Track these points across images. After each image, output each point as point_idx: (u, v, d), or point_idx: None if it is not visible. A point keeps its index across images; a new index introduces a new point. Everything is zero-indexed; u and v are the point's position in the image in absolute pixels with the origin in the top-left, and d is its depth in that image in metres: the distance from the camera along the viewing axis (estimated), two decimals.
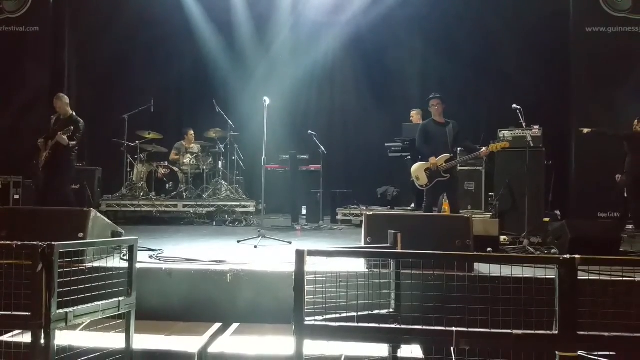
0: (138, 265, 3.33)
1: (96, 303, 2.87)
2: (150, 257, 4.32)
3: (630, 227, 7.51)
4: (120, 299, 3.05)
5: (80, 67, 10.21)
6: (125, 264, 3.24)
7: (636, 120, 7.68)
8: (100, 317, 2.93)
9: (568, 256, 2.47)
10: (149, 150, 8.87)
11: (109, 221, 4.49)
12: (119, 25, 9.85)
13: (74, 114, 6.90)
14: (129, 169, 8.87)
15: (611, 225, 5.80)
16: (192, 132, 9.31)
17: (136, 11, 9.78)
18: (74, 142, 6.61)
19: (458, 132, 6.09)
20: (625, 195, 7.69)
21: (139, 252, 3.48)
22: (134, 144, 8.71)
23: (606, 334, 2.42)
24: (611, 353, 2.50)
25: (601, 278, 3.56)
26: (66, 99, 6.90)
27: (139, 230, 6.81)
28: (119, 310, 3.02)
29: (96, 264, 3.42)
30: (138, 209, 8.29)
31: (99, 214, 4.26)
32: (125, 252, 3.53)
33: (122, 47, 9.99)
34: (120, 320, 3.13)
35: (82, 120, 6.81)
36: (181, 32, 10.14)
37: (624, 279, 3.55)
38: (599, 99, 9.03)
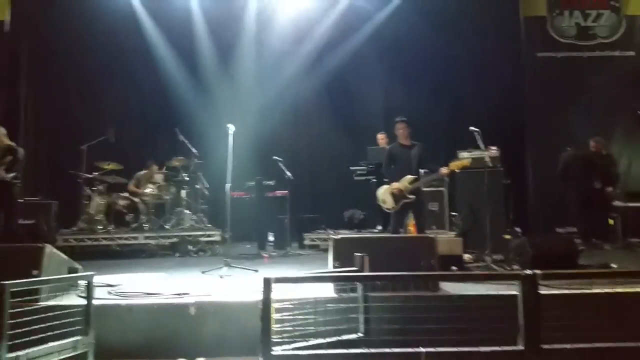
0: (96, 302, 3.21)
1: (51, 344, 2.73)
2: (109, 292, 4.17)
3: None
4: (78, 338, 2.92)
5: (36, 98, 9.94)
6: (82, 301, 3.12)
7: (593, 142, 8.03)
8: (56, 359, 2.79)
9: (529, 272, 2.52)
10: (108, 181, 8.64)
11: (65, 257, 4.33)
12: (77, 55, 9.67)
13: (13, 144, 6.66)
14: (86, 202, 8.60)
15: (569, 240, 5.94)
16: (155, 166, 9.12)
17: (95, 41, 9.64)
18: (13, 174, 6.37)
19: (422, 154, 6.19)
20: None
21: (97, 288, 3.36)
22: (92, 176, 8.48)
23: (569, 345, 2.47)
24: None
25: (562, 292, 3.65)
26: (2, 130, 6.66)
27: (98, 265, 6.57)
28: (76, 351, 2.89)
29: (52, 302, 3.28)
30: (96, 242, 7.99)
31: (54, 250, 4.10)
32: (82, 288, 3.39)
33: (80, 77, 9.80)
34: None
35: (21, 150, 6.59)
36: (142, 60, 10.02)
37: (583, 291, 3.64)
38: (551, 120, 9.43)
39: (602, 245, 7.47)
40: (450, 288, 3.83)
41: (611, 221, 7.95)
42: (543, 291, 2.65)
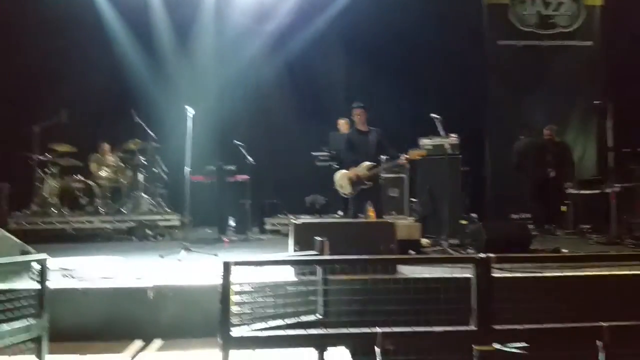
0: (51, 286, 3.16)
1: (4, 328, 2.68)
2: (64, 276, 4.11)
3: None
4: (32, 322, 2.87)
5: None
6: (36, 285, 3.06)
7: (546, 130, 8.30)
8: (9, 343, 2.74)
9: (483, 255, 2.62)
10: (61, 163, 8.42)
11: (17, 240, 4.23)
12: (27, 32, 9.30)
13: None
14: (39, 184, 8.36)
15: (523, 226, 6.19)
16: (107, 145, 8.92)
17: (45, 16, 9.28)
18: None
19: (381, 140, 6.22)
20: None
21: (52, 272, 3.30)
22: (45, 158, 8.23)
23: (519, 326, 2.59)
24: (525, 344, 2.66)
25: (514, 275, 3.82)
26: None
27: (52, 248, 6.36)
28: (30, 334, 2.85)
29: (3, 286, 3.21)
30: (50, 226, 7.80)
31: (6, 233, 4.01)
32: (35, 271, 3.32)
33: (31, 55, 9.43)
34: (33, 345, 2.94)
35: None
36: (95, 37, 9.71)
37: (535, 274, 3.82)
38: (511, 108, 9.68)
39: (554, 231, 7.78)
40: (408, 271, 3.95)
41: (564, 208, 8.29)
42: (496, 274, 2.76)
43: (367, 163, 6.06)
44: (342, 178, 6.15)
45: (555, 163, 8.11)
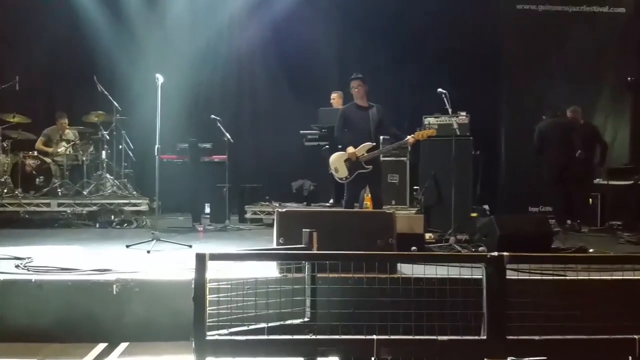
0: (1, 277, 3.14)
1: None
2: (17, 266, 4.09)
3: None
4: None
5: None
6: None
7: (569, 112, 8.23)
8: None
9: (496, 254, 2.62)
10: (13, 137, 8.34)
11: None
12: None
13: None
14: None
15: (542, 220, 6.18)
16: (65, 120, 8.81)
17: None
18: None
19: (382, 117, 6.14)
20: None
21: (2, 261, 3.27)
22: None
23: (537, 337, 2.59)
24: (542, 358, 2.66)
25: (531, 277, 3.82)
26: None
27: (3, 234, 6.42)
28: None
29: None
30: (1, 208, 7.77)
31: None
32: None
33: None
34: None
35: None
36: None
37: (556, 277, 3.82)
38: (529, 83, 9.60)
39: (579, 227, 7.70)
40: (409, 270, 3.94)
41: (589, 200, 8.26)
42: (511, 276, 2.76)
43: (367, 143, 6.00)
44: (337, 160, 6.09)
45: (583, 147, 7.94)
